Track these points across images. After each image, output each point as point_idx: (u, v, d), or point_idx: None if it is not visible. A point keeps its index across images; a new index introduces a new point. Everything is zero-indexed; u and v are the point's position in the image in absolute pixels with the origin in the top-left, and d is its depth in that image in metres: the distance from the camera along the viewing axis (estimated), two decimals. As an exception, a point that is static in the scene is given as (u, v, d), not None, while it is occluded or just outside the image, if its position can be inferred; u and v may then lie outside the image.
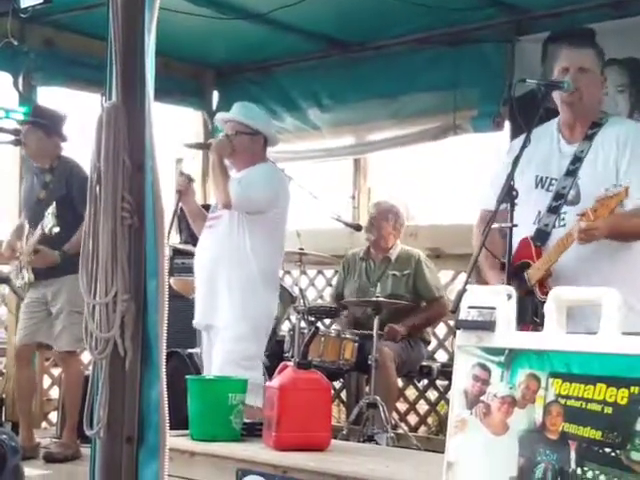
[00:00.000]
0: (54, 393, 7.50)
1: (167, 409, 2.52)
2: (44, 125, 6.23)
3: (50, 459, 6.08)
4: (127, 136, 2.54)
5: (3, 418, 6.54)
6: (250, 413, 4.12)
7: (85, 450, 5.88)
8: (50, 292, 6.17)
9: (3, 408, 6.58)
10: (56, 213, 5.71)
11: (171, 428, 2.57)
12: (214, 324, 5.07)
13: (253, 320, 5.02)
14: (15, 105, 6.96)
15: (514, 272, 3.73)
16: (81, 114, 6.66)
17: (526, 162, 3.79)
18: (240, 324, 4.97)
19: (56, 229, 5.74)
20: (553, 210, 3.72)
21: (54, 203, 5.78)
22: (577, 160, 3.72)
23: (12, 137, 6.37)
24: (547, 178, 3.77)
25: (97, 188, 2.54)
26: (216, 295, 5.05)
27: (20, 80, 7.17)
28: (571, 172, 3.70)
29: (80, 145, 6.32)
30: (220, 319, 5.03)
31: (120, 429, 2.52)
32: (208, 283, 5.09)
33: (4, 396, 6.74)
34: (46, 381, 7.55)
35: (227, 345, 4.96)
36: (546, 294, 3.37)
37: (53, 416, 7.44)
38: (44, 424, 7.51)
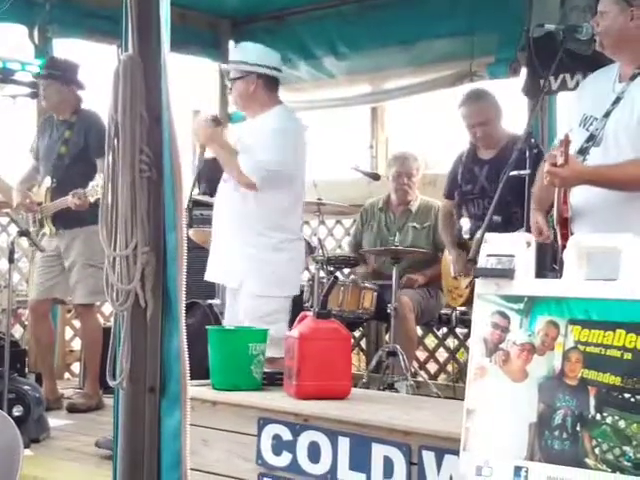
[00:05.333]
0: (76, 344, 7.56)
1: (188, 359, 2.55)
2: (60, 76, 6.23)
3: (73, 410, 6.15)
4: (144, 88, 2.54)
5: (26, 370, 6.60)
6: (275, 365, 4.14)
7: (108, 400, 5.94)
8: (63, 244, 6.21)
9: (26, 360, 6.64)
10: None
11: (192, 378, 2.59)
12: (229, 283, 5.03)
13: (267, 275, 4.88)
14: (31, 57, 6.95)
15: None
16: (97, 66, 6.64)
17: (582, 99, 3.73)
18: (254, 281, 4.88)
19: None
20: (582, 151, 3.56)
21: (98, 176, 5.79)
22: (617, 101, 3.58)
23: (29, 90, 6.36)
24: (590, 117, 3.64)
25: (115, 141, 2.54)
26: (230, 253, 4.95)
27: (36, 32, 7.14)
28: (608, 113, 3.58)
29: (95, 98, 6.33)
30: (234, 279, 4.96)
31: (142, 379, 2.54)
32: (222, 240, 4.99)
33: (27, 348, 6.79)
34: (68, 332, 7.61)
35: (246, 302, 4.89)
36: (567, 239, 3.35)
37: (76, 367, 7.51)
38: (67, 375, 7.59)
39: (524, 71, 6.63)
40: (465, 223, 6.06)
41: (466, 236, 5.94)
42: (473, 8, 6.92)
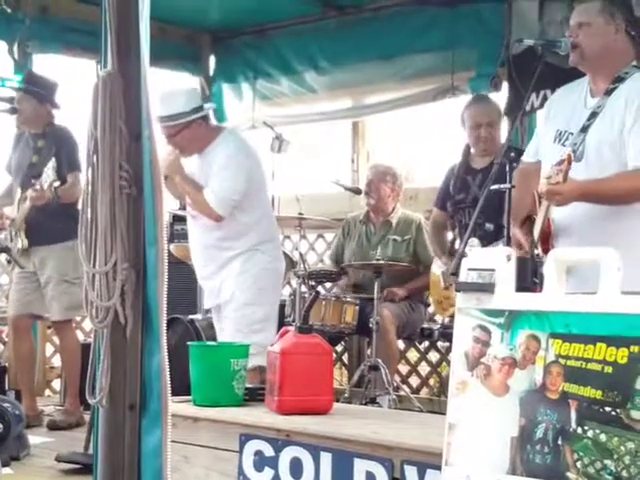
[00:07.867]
0: (57, 361, 7.52)
1: (169, 376, 2.53)
2: (37, 93, 6.21)
3: (53, 427, 6.10)
4: (123, 104, 2.53)
5: (6, 386, 6.56)
6: (263, 375, 4.15)
7: (89, 417, 5.90)
8: (37, 260, 6.16)
9: (6, 376, 6.60)
10: (56, 167, 5.70)
11: (173, 394, 2.58)
12: (220, 301, 5.18)
13: (255, 286, 5.07)
14: (11, 73, 6.93)
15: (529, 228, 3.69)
16: (77, 82, 6.63)
17: (553, 115, 3.73)
18: (243, 292, 5.05)
19: (56, 183, 5.74)
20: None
21: (53, 159, 5.76)
22: (593, 116, 3.53)
23: (8, 105, 6.34)
24: (565, 132, 3.62)
25: (94, 157, 2.53)
26: (217, 275, 5.15)
27: (15, 48, 7.14)
28: (585, 128, 3.54)
29: (75, 113, 6.31)
30: (224, 294, 5.13)
31: (122, 397, 2.53)
32: (209, 267, 5.18)
33: (7, 365, 6.75)
34: (48, 349, 7.57)
35: (235, 313, 5.06)
36: (548, 252, 3.35)
37: (56, 384, 7.47)
38: (47, 392, 7.55)
39: (505, 86, 6.67)
40: (456, 234, 6.02)
41: (457, 247, 5.91)
42: (453, 23, 6.98)
